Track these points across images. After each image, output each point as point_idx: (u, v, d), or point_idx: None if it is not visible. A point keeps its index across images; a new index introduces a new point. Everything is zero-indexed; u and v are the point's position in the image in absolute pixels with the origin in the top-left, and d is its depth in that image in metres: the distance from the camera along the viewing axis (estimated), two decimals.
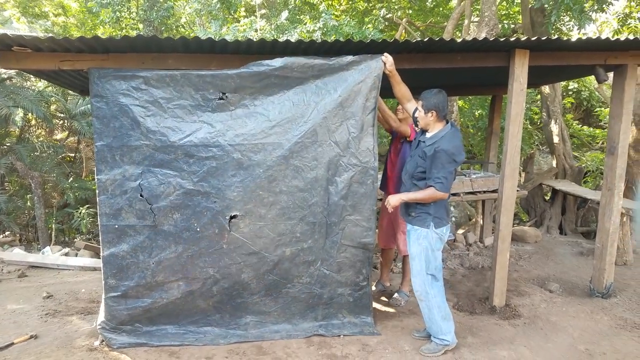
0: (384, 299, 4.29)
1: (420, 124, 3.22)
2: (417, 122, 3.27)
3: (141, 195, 3.19)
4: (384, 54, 3.26)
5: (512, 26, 9.38)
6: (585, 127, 11.62)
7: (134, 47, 3.18)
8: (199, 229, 3.25)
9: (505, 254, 3.91)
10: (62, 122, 8.98)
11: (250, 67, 3.16)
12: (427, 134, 3.19)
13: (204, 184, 3.22)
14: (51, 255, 5.97)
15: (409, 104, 3.48)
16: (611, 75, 4.18)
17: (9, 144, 7.75)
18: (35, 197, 7.47)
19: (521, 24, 7.80)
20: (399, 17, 9.54)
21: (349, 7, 10.93)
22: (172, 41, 3.05)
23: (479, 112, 9.10)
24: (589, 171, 8.83)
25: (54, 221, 7.89)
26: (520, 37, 3.48)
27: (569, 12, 6.54)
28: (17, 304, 4.27)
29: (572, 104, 11.91)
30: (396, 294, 4.24)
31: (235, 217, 3.25)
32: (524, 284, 4.70)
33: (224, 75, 3.16)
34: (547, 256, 5.81)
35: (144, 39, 3.03)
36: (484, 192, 5.51)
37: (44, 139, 8.71)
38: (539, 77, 5.24)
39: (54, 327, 3.70)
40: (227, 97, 3.21)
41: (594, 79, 4.11)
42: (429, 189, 3.05)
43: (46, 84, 7.90)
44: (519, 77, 3.68)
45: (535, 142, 10.70)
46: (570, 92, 11.68)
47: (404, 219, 3.39)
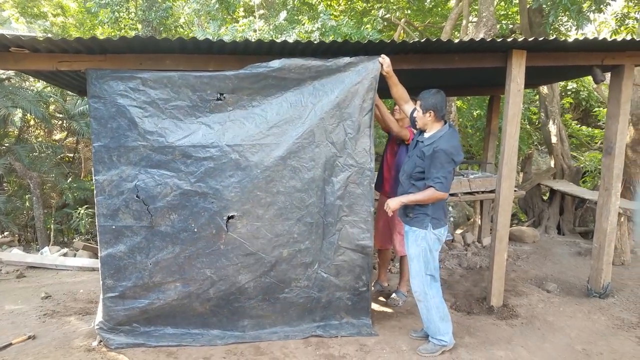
0: (381, 299, 4.29)
1: (418, 124, 3.22)
2: (415, 122, 3.27)
3: (137, 196, 3.19)
4: (381, 56, 3.26)
5: (511, 26, 9.38)
6: (584, 127, 11.63)
7: (131, 48, 3.18)
8: (196, 230, 3.25)
9: (502, 254, 3.92)
10: (60, 122, 8.98)
11: (248, 69, 3.17)
12: (425, 134, 3.18)
13: (201, 184, 3.22)
14: (50, 255, 5.97)
15: (407, 105, 3.48)
16: (608, 75, 4.19)
17: (8, 145, 7.74)
18: (34, 198, 7.47)
19: (519, 24, 7.80)
20: (398, 18, 9.54)
21: (348, 7, 10.94)
22: (169, 42, 3.06)
23: (477, 112, 9.10)
24: (588, 171, 8.83)
25: (52, 221, 7.89)
26: (517, 38, 3.48)
27: (567, 13, 6.55)
28: (16, 304, 4.27)
29: (570, 104, 11.91)
30: (394, 294, 4.25)
31: (232, 217, 3.25)
32: (522, 284, 4.70)
33: (222, 76, 3.16)
34: (545, 256, 5.82)
35: (141, 40, 3.03)
36: (482, 192, 5.52)
37: (42, 140, 8.70)
38: (536, 78, 5.24)
39: (52, 327, 3.70)
40: (224, 98, 3.21)
41: (592, 79, 4.11)
42: (429, 189, 3.03)
43: (45, 85, 7.90)
44: (516, 77, 3.68)
45: (534, 142, 10.71)
46: (569, 92, 11.69)
47: (401, 220, 3.38)
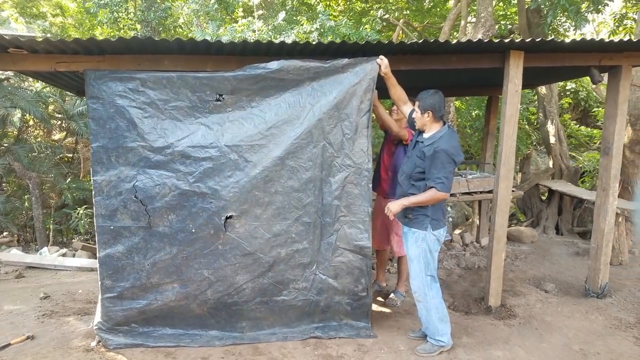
0: (380, 299, 4.30)
1: (417, 124, 3.22)
2: (414, 123, 3.28)
3: (135, 196, 3.20)
4: (380, 57, 3.27)
5: (509, 27, 9.39)
6: (582, 127, 11.65)
7: (129, 49, 3.19)
8: (194, 230, 3.25)
9: (500, 254, 3.93)
10: (59, 122, 8.96)
11: (246, 70, 3.17)
12: (425, 135, 3.17)
13: (200, 184, 3.22)
14: (49, 255, 5.97)
15: (405, 106, 3.48)
16: (606, 76, 4.20)
17: (7, 145, 7.74)
18: (33, 198, 7.46)
19: (518, 25, 7.81)
20: (396, 18, 9.54)
21: (347, 7, 10.94)
22: (167, 43, 3.07)
23: (475, 112, 9.11)
24: (587, 171, 8.84)
25: (51, 222, 7.88)
26: (514, 39, 3.49)
27: (565, 13, 6.56)
28: (14, 304, 4.27)
29: (570, 104, 11.93)
30: (392, 294, 4.26)
31: (230, 217, 3.26)
32: (520, 284, 4.71)
33: (221, 77, 3.17)
34: (543, 256, 5.83)
35: (140, 41, 3.04)
36: (480, 192, 5.53)
37: (41, 140, 8.69)
38: (534, 78, 5.25)
39: (51, 327, 3.70)
40: (223, 98, 3.22)
41: (590, 79, 4.12)
42: (430, 190, 3.02)
43: (44, 85, 7.89)
44: (513, 78, 3.69)
45: (532, 143, 10.73)
46: (568, 92, 11.71)
47: (400, 222, 3.36)
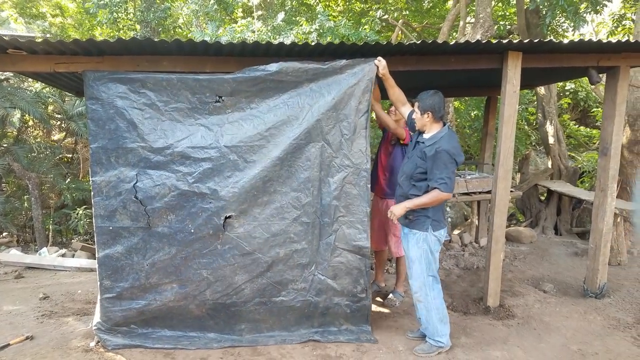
0: (378, 299, 4.31)
1: (417, 125, 3.22)
2: (413, 124, 3.28)
3: (135, 197, 3.21)
4: (377, 58, 3.27)
5: (508, 27, 9.40)
6: (582, 127, 11.68)
7: (128, 50, 3.20)
8: (193, 230, 3.26)
9: (499, 254, 3.94)
10: (59, 123, 8.97)
11: (246, 72, 3.19)
12: (425, 135, 3.17)
13: (199, 185, 3.23)
14: (48, 256, 5.98)
15: (404, 107, 3.48)
16: (604, 77, 4.21)
17: (6, 145, 7.74)
18: (32, 198, 7.46)
19: (517, 25, 7.82)
20: (395, 19, 9.55)
21: (346, 8, 10.95)
22: (166, 43, 3.07)
23: (474, 112, 9.12)
24: (586, 171, 8.85)
25: (51, 222, 7.88)
26: (512, 40, 3.50)
27: (564, 14, 6.57)
28: (14, 305, 4.28)
29: (569, 104, 11.95)
30: (391, 295, 4.27)
31: (229, 217, 3.27)
32: (519, 285, 4.72)
33: (220, 79, 3.19)
34: (542, 256, 5.84)
35: (139, 42, 3.05)
36: (479, 192, 5.53)
37: (41, 140, 8.69)
38: (533, 79, 5.26)
39: (50, 328, 3.71)
40: (223, 100, 3.23)
41: (588, 80, 4.13)
42: (434, 191, 3.01)
43: (43, 85, 7.90)
44: (512, 79, 3.69)
45: (531, 143, 10.74)
46: (567, 93, 11.73)
47: (401, 223, 3.34)
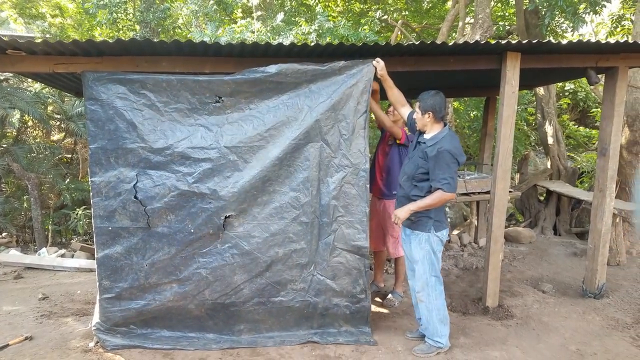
0: (377, 299, 4.31)
1: (417, 125, 3.21)
2: (414, 125, 3.27)
3: (135, 197, 3.21)
4: (376, 59, 3.28)
5: (508, 28, 9.41)
6: (581, 127, 11.69)
7: (127, 50, 3.20)
8: (192, 230, 3.27)
9: (497, 255, 3.94)
10: (58, 123, 8.98)
11: (245, 74, 3.20)
12: (426, 135, 3.16)
13: (199, 185, 3.24)
14: (47, 256, 5.98)
15: (403, 108, 3.48)
16: (603, 77, 4.21)
17: (6, 146, 7.74)
18: (31, 199, 7.47)
19: (516, 26, 7.83)
20: (395, 19, 9.56)
21: (345, 8, 10.95)
22: (165, 44, 3.07)
23: (474, 113, 9.13)
24: (585, 172, 8.86)
25: (50, 222, 7.89)
26: (511, 40, 3.50)
27: (563, 14, 6.59)
28: (13, 305, 4.28)
29: (568, 104, 11.96)
30: (390, 295, 4.27)
31: (229, 217, 3.27)
32: (518, 285, 4.72)
33: (220, 80, 3.20)
34: (541, 257, 5.84)
35: (138, 42, 3.05)
36: (478, 193, 5.54)
37: (40, 140, 8.71)
38: (532, 79, 5.27)
39: (49, 328, 3.71)
40: (222, 100, 3.25)
41: (586, 80, 4.13)
42: (437, 192, 2.99)
43: (43, 86, 7.90)
44: (510, 79, 3.70)
45: (531, 143, 10.75)
46: (566, 93, 11.75)
47: (403, 224, 3.29)
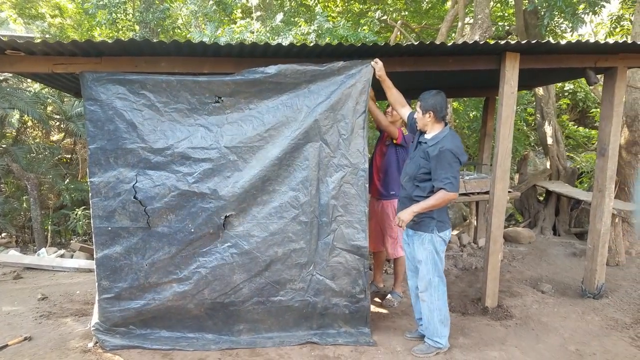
0: (377, 299, 4.31)
1: (418, 125, 3.21)
2: (415, 125, 3.27)
3: (135, 197, 3.22)
4: (374, 60, 3.28)
5: (507, 28, 9.42)
6: (581, 128, 11.69)
7: (127, 50, 3.20)
8: (193, 230, 3.27)
9: (496, 255, 3.94)
10: (58, 123, 8.99)
11: (245, 74, 3.21)
12: (427, 135, 3.16)
13: (199, 185, 3.24)
14: (47, 256, 5.98)
15: (403, 109, 3.48)
16: (602, 77, 4.22)
17: (5, 146, 7.75)
18: (31, 199, 7.47)
19: (515, 26, 7.84)
20: (394, 20, 9.56)
21: (345, 9, 10.95)
22: (164, 44, 3.07)
23: (473, 113, 9.13)
24: (584, 172, 8.87)
25: (50, 223, 7.89)
26: (510, 41, 3.51)
27: (562, 15, 6.59)
28: (12, 305, 4.28)
29: (568, 105, 11.97)
30: (389, 295, 4.27)
31: (229, 216, 3.28)
32: (517, 285, 4.73)
33: (220, 81, 3.21)
34: (540, 257, 5.84)
35: (137, 43, 3.05)
36: (478, 193, 5.54)
37: (40, 141, 8.71)
38: (531, 80, 5.27)
39: (48, 328, 3.71)
40: (222, 100, 3.25)
41: (585, 81, 4.14)
42: (440, 192, 2.98)
43: (42, 86, 7.91)
44: (509, 80, 3.70)
45: (530, 143, 10.75)
46: (566, 93, 11.75)
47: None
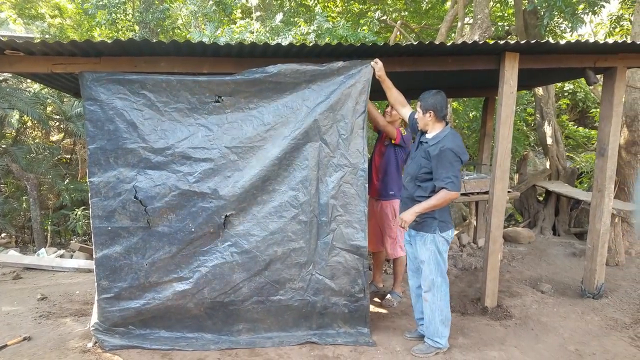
0: (376, 299, 4.31)
1: (419, 124, 3.21)
2: (416, 125, 3.27)
3: (135, 197, 3.22)
4: (374, 60, 3.28)
5: (507, 28, 9.42)
6: (580, 128, 11.69)
7: (126, 51, 3.20)
8: (193, 229, 3.27)
9: (496, 255, 3.94)
10: (58, 124, 9.00)
11: (245, 74, 3.21)
12: (428, 135, 3.16)
13: (200, 184, 3.25)
14: (46, 257, 5.98)
15: (404, 109, 3.48)
16: (601, 77, 4.22)
17: (5, 146, 7.75)
18: (31, 199, 7.48)
19: (515, 26, 7.84)
20: (394, 20, 9.56)
21: (344, 9, 10.95)
22: (164, 45, 3.07)
23: (473, 113, 9.13)
24: (584, 172, 8.87)
25: (49, 223, 7.90)
26: (509, 41, 3.50)
27: (561, 15, 6.59)
28: (12, 305, 4.28)
29: (567, 105, 11.97)
30: (389, 295, 4.27)
31: (229, 215, 3.28)
32: (516, 285, 4.72)
33: (220, 81, 3.21)
34: (540, 257, 5.84)
35: (136, 43, 3.05)
36: (477, 193, 5.54)
37: (39, 141, 8.72)
38: (530, 80, 5.27)
39: (48, 328, 3.71)
40: (222, 100, 3.26)
41: (585, 81, 4.14)
42: (441, 191, 2.97)
43: (42, 86, 7.91)
44: (509, 80, 3.70)
45: (530, 143, 10.75)
46: (565, 94, 11.75)
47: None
